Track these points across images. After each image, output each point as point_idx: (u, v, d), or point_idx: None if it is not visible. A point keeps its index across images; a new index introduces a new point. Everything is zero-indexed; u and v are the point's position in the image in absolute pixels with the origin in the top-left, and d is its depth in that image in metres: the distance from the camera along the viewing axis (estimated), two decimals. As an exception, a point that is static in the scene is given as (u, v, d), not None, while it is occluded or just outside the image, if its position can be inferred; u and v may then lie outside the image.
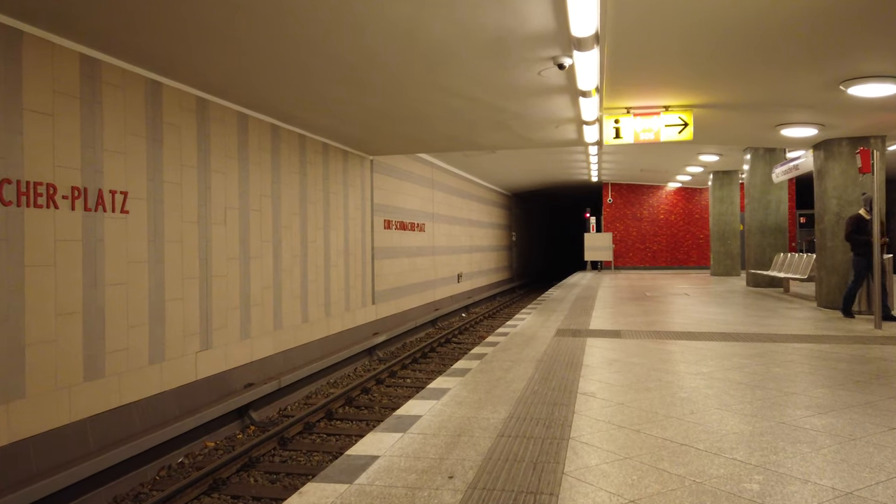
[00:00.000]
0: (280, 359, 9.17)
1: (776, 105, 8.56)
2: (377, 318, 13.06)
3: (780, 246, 15.43)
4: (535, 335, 8.01)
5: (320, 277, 10.56)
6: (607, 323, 9.14)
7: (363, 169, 12.53)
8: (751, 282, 15.80)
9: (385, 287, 13.57)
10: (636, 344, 7.23)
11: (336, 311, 11.12)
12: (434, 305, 17.03)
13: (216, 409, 7.24)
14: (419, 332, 15.28)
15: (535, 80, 7.20)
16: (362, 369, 11.36)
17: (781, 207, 15.48)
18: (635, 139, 8.81)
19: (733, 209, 20.63)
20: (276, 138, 9.18)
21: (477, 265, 22.45)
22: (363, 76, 7.01)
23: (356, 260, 12.11)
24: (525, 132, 10.49)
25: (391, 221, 14.06)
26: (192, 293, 7.27)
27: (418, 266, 15.88)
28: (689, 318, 9.74)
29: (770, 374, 5.57)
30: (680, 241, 26.09)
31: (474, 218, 22.35)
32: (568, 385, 5.13)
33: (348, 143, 11.38)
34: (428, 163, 16.85)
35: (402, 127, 9.92)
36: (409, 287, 15.11)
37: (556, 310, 11.08)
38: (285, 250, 9.42)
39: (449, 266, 18.86)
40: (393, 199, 14.21)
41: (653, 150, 17.18)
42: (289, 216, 9.55)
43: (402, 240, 14.80)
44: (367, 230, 12.68)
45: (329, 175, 10.95)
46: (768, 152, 15.50)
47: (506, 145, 11.95)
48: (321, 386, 9.97)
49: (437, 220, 17.66)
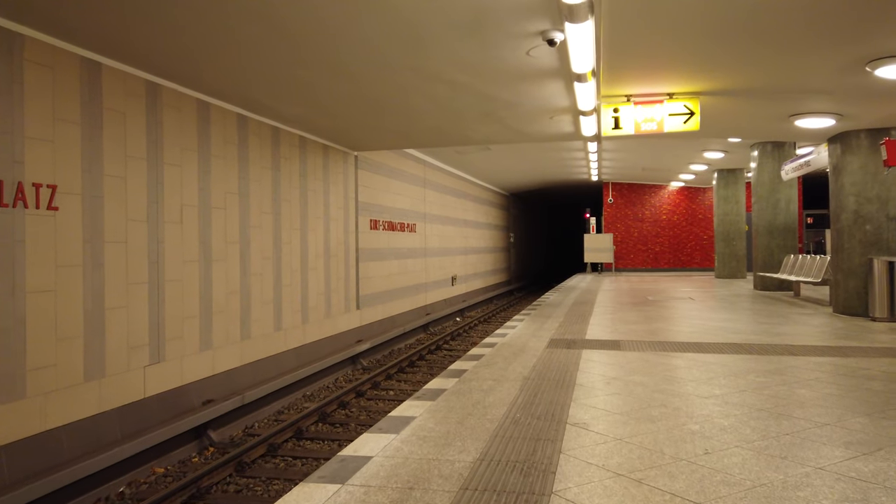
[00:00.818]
0: (248, 371, 8.39)
1: (791, 92, 7.77)
2: (362, 325, 12.28)
3: (789, 247, 14.63)
4: (526, 346, 7.23)
5: (296, 281, 9.78)
6: (606, 331, 8.35)
7: (346, 165, 11.75)
8: (758, 285, 15.00)
9: (371, 291, 12.79)
10: (637, 357, 6.44)
11: (315, 318, 10.34)
12: (426, 310, 16.25)
13: (167, 430, 6.46)
14: (409, 337, 14.49)
15: (524, 62, 6.41)
16: (344, 380, 10.58)
17: (791, 207, 14.68)
18: (636, 130, 8.02)
19: (738, 209, 19.83)
20: (244, 129, 8.40)
21: (472, 267, 21.67)
22: (330, 57, 6.23)
23: (338, 262, 11.33)
24: (517, 124, 9.70)
25: (378, 221, 13.28)
26: (140, 300, 6.49)
27: (408, 268, 15.10)
28: (695, 325, 8.95)
29: (794, 397, 4.78)
30: (683, 243, 25.29)
31: (470, 218, 21.57)
32: (556, 412, 4.35)
33: (329, 137, 10.61)
34: (419, 160, 16.07)
35: (382, 118, 9.14)
36: (398, 291, 14.32)
37: (551, 316, 10.28)
38: (255, 252, 8.64)
39: (442, 268, 18.08)
40: (380, 197, 13.43)
41: (655, 147, 16.40)
42: (259, 215, 8.77)
43: (391, 241, 14.02)
44: (350, 231, 11.90)
45: (307, 171, 10.17)
46: (777, 148, 14.71)
47: (498, 139, 11.17)
48: (296, 400, 9.18)
49: (429, 221, 16.88)
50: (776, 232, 14.65)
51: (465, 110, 8.68)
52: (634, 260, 25.57)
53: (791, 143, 14.64)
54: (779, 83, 7.36)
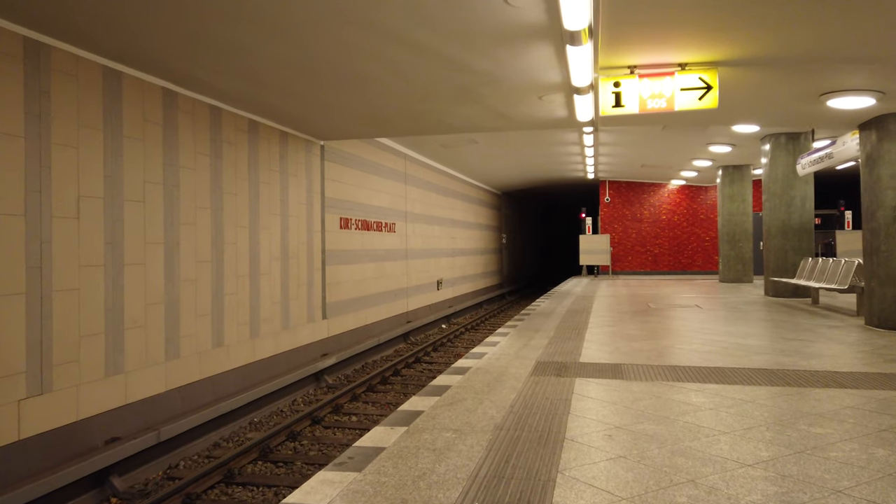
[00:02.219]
0: (175, 398, 6.99)
1: (827, 60, 6.42)
2: (329, 336, 10.89)
3: (804, 249, 13.29)
4: (505, 372, 5.85)
5: (243, 289, 8.38)
6: (604, 351, 6.98)
7: (311, 156, 10.36)
8: (770, 290, 13.65)
9: (341, 298, 11.40)
10: (646, 391, 5.08)
11: (268, 330, 8.94)
12: (406, 317, 14.86)
13: (50, 481, 5.07)
14: (386, 348, 13.11)
15: (503, 14, 5.05)
16: (302, 401, 9.19)
17: (807, 205, 13.34)
18: (641, 108, 6.66)
19: (745, 208, 18.50)
20: (172, 107, 7.01)
21: (460, 270, 20.29)
22: (261, 10, 4.86)
23: (299, 266, 9.94)
24: (501, 106, 8.33)
25: (350, 220, 11.89)
26: (12, 317, 5.09)
27: (387, 272, 13.71)
28: (710, 342, 7.58)
29: (876, 462, 3.41)
30: (684, 244, 23.97)
31: (458, 218, 20.19)
32: (536, 498, 2.97)
33: (287, 123, 9.22)
34: (399, 154, 14.69)
35: (339, 95, 7.75)
36: (374, 297, 12.93)
37: (540, 329, 8.90)
38: (187, 254, 7.24)
39: (426, 272, 16.70)
40: (353, 193, 12.04)
41: (656, 140, 15.06)
42: (193, 210, 7.37)
43: (366, 242, 12.64)
44: (315, 230, 10.51)
45: (258, 160, 8.78)
46: (791, 140, 13.37)
47: (481, 125, 9.79)
48: (240, 429, 7.79)
49: (411, 220, 15.50)
50: (790, 232, 13.31)
51: (436, 85, 7.31)
52: (633, 262, 24.23)
53: (807, 135, 13.31)
54: (814, 48, 6.02)
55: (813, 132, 12.36)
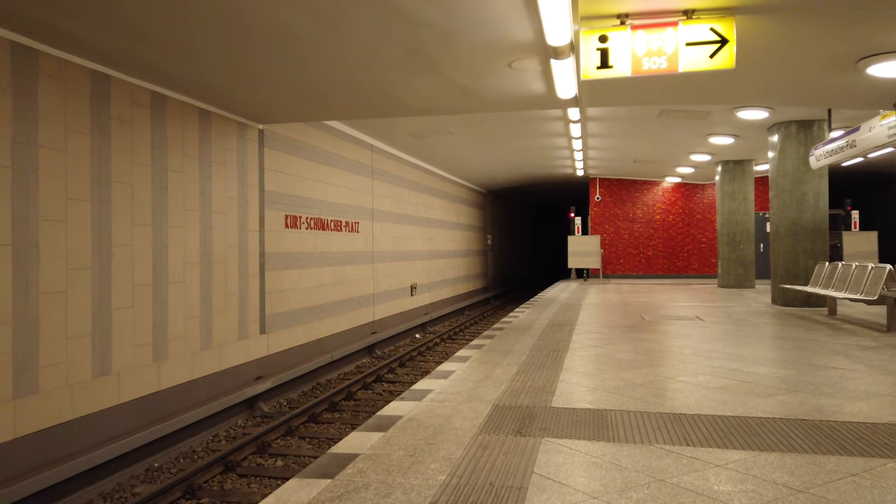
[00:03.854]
0: (32, 445, 5.37)
1: (873, 6, 4.89)
2: (270, 353, 9.28)
3: (818, 252, 11.78)
4: (446, 426, 4.24)
5: (143, 301, 6.77)
6: (586, 387, 5.39)
7: (244, 141, 8.75)
8: (779, 299, 12.14)
9: (286, 308, 9.80)
10: (641, 467, 3.48)
11: (180, 352, 7.33)
12: (372, 327, 13.26)
13: None
14: (346, 364, 11.51)
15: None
16: (226, 436, 7.59)
17: (820, 202, 11.83)
18: (635, 69, 5.10)
19: (746, 206, 17.02)
20: (26, 69, 5.39)
21: (439, 274, 18.70)
22: None
23: (228, 272, 8.34)
24: (462, 76, 6.77)
25: (299, 218, 10.29)
26: None
27: (347, 277, 12.11)
28: (721, 371, 6.03)
29: None
30: (679, 246, 22.47)
31: (436, 217, 18.61)
32: None
33: (208, 99, 7.62)
34: (365, 144, 13.10)
35: (265, 62, 6.15)
36: (330, 306, 11.33)
37: (511, 349, 7.32)
38: (51, 259, 5.63)
39: (397, 276, 15.11)
40: (304, 187, 10.45)
41: (651, 131, 13.54)
42: (62, 203, 5.76)
43: (322, 243, 11.04)
44: (251, 229, 8.91)
45: (167, 144, 7.17)
46: (803, 129, 11.85)
47: (442, 103, 8.21)
48: (128, 479, 6.18)
49: (379, 219, 13.91)
50: (802, 233, 11.80)
51: (377, 44, 5.72)
52: (625, 265, 22.71)
53: (820, 124, 11.81)
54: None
55: (830, 118, 10.85)
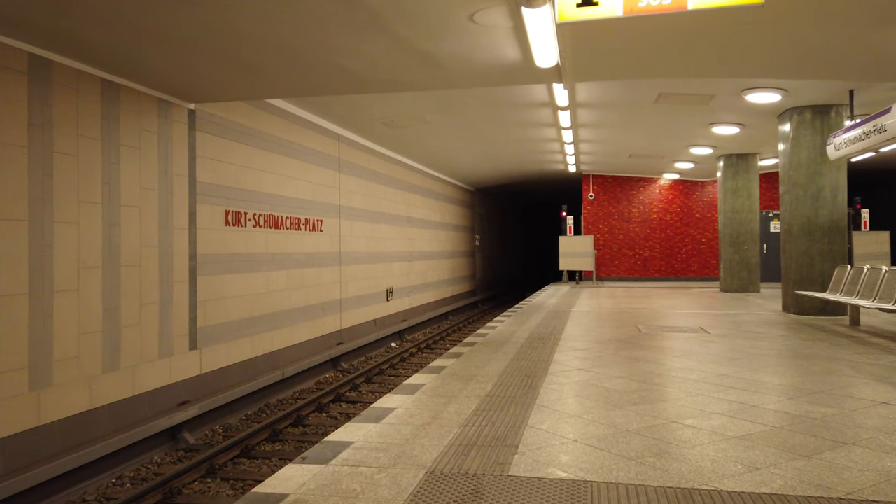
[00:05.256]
0: None
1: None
2: (203, 373, 7.92)
3: (836, 254, 10.47)
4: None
5: (16, 316, 5.40)
6: (562, 440, 4.02)
7: (168, 122, 7.39)
8: (792, 306, 10.82)
9: (226, 318, 8.44)
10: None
11: (72, 376, 5.96)
12: (339, 336, 11.90)
13: None
14: (305, 380, 10.17)
15: None
16: (133, 479, 6.22)
17: (838, 197, 10.53)
18: (628, 8, 3.79)
19: (751, 204, 15.73)
20: None
21: (420, 277, 17.35)
22: None
23: (145, 277, 6.97)
24: (414, 34, 5.43)
25: (245, 214, 8.93)
26: None
27: (308, 281, 10.76)
28: (741, 409, 4.70)
29: None
30: (677, 247, 21.17)
31: (417, 216, 17.26)
32: None
33: (112, 67, 6.26)
34: (330, 133, 11.74)
35: (166, 14, 4.79)
36: (285, 314, 9.98)
37: (476, 374, 5.96)
38: None
39: (371, 279, 13.75)
40: (251, 179, 9.09)
41: (648, 120, 12.23)
42: None
43: (274, 243, 9.69)
44: (178, 226, 7.55)
45: (52, 120, 5.80)
46: (819, 115, 10.54)
47: (399, 75, 6.86)
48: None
49: (348, 217, 12.56)
50: (818, 233, 10.49)
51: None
52: (619, 267, 21.39)
53: (839, 109, 10.50)
54: None
55: (852, 101, 9.54)
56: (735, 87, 9.65)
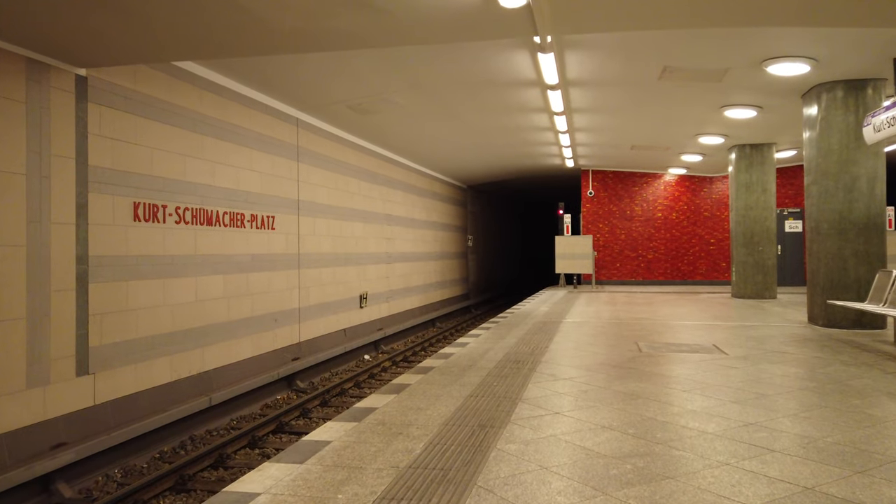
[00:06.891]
0: None
1: None
2: (97, 404, 6.37)
3: (874, 256, 8.86)
4: None
5: None
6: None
7: (43, 90, 5.85)
8: (821, 317, 9.21)
9: (135, 335, 6.90)
10: None
11: None
12: (293, 351, 10.34)
13: None
14: (247, 404, 8.61)
15: None
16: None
17: (877, 188, 8.91)
18: None
19: (767, 200, 14.12)
20: None
21: (402, 280, 15.78)
22: None
23: (5, 286, 5.43)
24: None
25: (164, 208, 7.39)
26: None
27: (255, 287, 9.21)
28: (785, 499, 3.12)
29: None
30: (684, 248, 19.56)
31: (398, 214, 15.69)
32: None
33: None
34: (287, 118, 10.19)
35: None
36: (221, 327, 8.43)
37: (413, 422, 4.33)
38: None
39: (341, 284, 12.20)
40: (170, 166, 7.55)
41: (651, 104, 10.65)
42: None
43: (207, 243, 8.15)
44: (57, 221, 6.01)
45: None
46: (852, 92, 8.94)
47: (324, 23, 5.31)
48: None
49: (310, 213, 11.00)
50: (852, 231, 8.88)
51: None
52: (621, 270, 19.78)
53: (877, 84, 8.90)
54: None
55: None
56: (754, 57, 8.08)
